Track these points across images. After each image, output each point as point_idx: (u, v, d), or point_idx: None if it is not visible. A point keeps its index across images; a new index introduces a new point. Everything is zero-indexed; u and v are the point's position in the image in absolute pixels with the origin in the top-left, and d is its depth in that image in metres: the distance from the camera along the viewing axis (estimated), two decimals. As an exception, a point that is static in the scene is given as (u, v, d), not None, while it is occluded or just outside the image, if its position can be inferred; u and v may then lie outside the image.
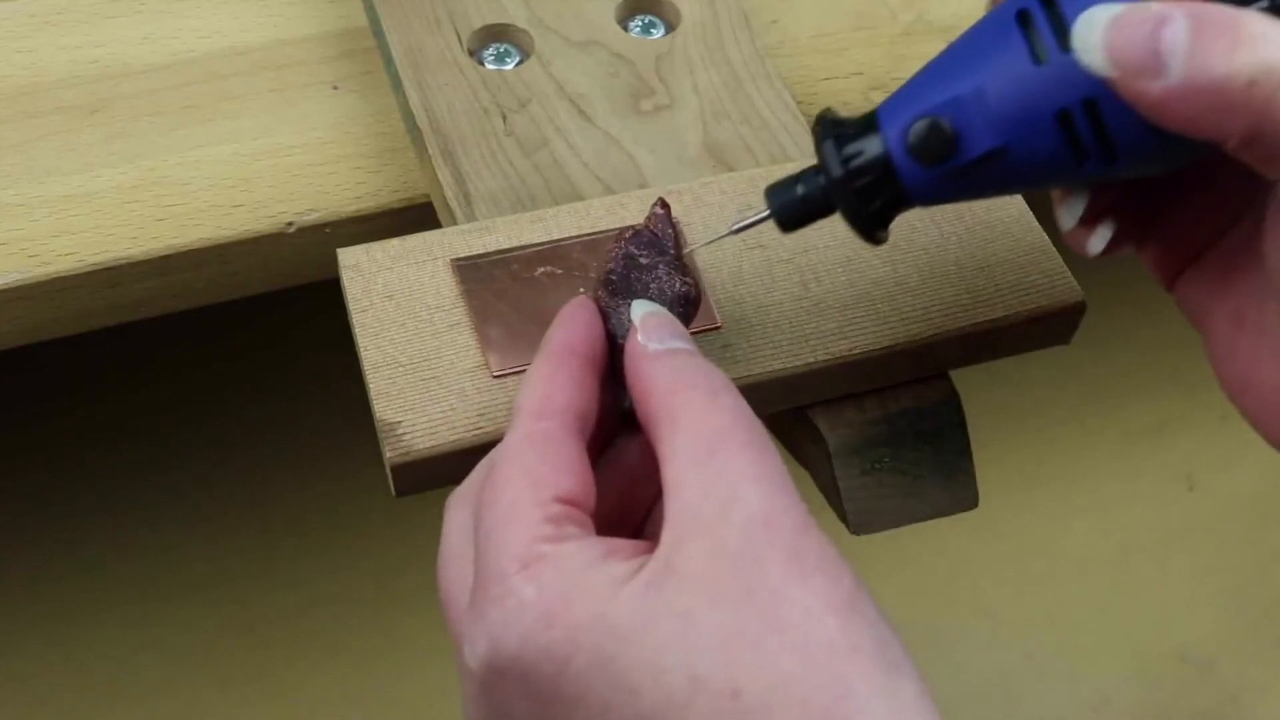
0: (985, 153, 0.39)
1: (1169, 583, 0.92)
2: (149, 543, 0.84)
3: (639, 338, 0.41)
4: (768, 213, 0.43)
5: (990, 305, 0.49)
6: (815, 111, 0.60)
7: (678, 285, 0.44)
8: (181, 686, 0.81)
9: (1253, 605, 0.92)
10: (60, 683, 0.80)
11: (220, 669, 0.82)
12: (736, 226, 0.44)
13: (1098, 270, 0.44)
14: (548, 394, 0.40)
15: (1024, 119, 0.38)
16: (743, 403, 0.38)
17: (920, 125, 0.39)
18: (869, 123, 0.41)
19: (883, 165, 0.40)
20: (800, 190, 0.42)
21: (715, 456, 0.37)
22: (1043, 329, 0.50)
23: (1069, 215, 0.42)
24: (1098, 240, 0.42)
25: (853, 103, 0.61)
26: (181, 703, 0.81)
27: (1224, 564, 0.93)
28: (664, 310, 0.42)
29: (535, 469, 0.38)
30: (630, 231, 0.45)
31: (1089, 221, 0.42)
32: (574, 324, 0.42)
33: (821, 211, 0.42)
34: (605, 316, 0.43)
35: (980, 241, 0.51)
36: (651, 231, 0.45)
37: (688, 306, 0.44)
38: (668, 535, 0.36)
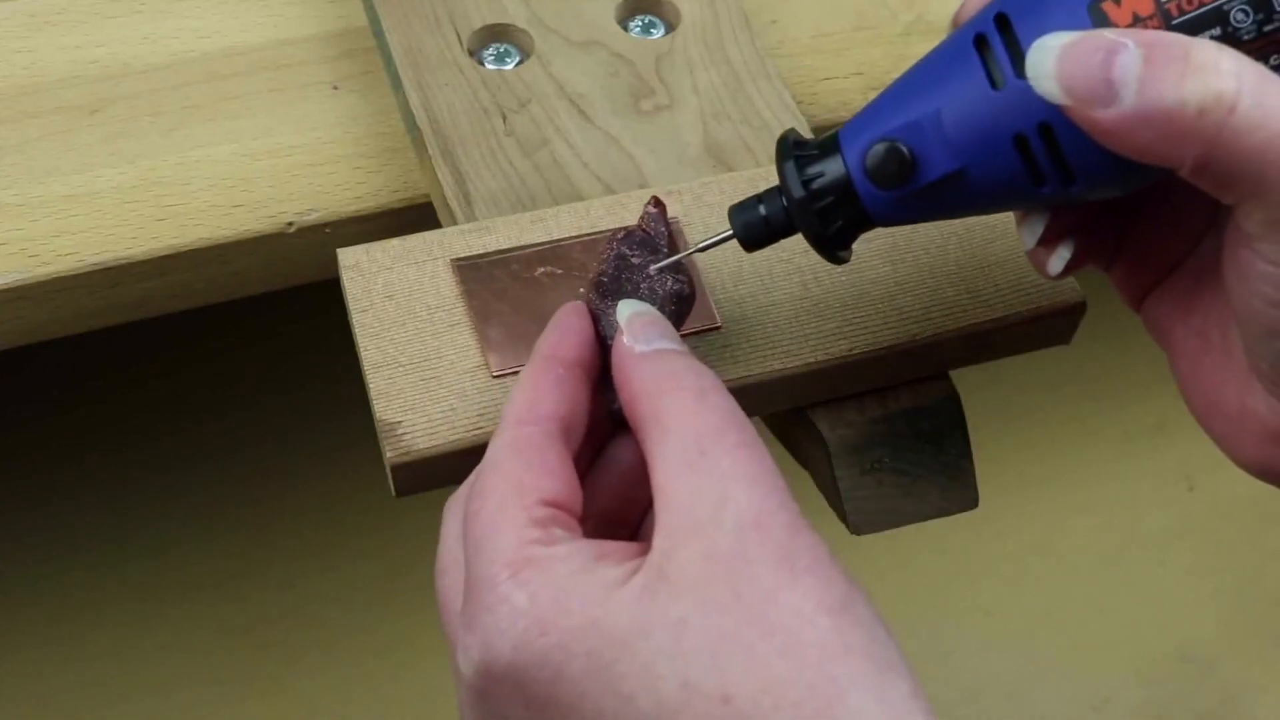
0: (943, 176, 0.39)
1: (1169, 582, 0.92)
2: (149, 543, 0.84)
3: (625, 339, 0.41)
4: (730, 233, 0.43)
5: (990, 305, 0.49)
6: (815, 111, 0.60)
7: (670, 284, 0.43)
8: (181, 686, 0.81)
9: (1253, 605, 0.92)
10: (60, 683, 0.80)
11: (220, 669, 0.82)
12: (700, 245, 0.45)
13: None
14: (532, 400, 0.40)
15: (981, 143, 0.39)
16: (732, 403, 0.38)
17: (878, 149, 0.40)
18: (830, 144, 0.41)
19: (843, 187, 0.41)
20: (763, 210, 0.43)
21: (705, 458, 0.37)
22: (1043, 329, 0.50)
23: (1029, 235, 0.42)
24: (1057, 261, 0.42)
25: (852, 103, 0.61)
26: (181, 703, 0.81)
27: (1224, 564, 0.93)
28: (652, 310, 0.42)
29: (518, 474, 0.38)
30: (622, 232, 0.44)
31: (1049, 242, 0.42)
32: (563, 329, 0.42)
33: (784, 231, 0.43)
34: (596, 319, 0.43)
35: (980, 241, 0.51)
36: (644, 231, 0.45)
37: (681, 304, 0.44)
38: (660, 539, 0.36)
